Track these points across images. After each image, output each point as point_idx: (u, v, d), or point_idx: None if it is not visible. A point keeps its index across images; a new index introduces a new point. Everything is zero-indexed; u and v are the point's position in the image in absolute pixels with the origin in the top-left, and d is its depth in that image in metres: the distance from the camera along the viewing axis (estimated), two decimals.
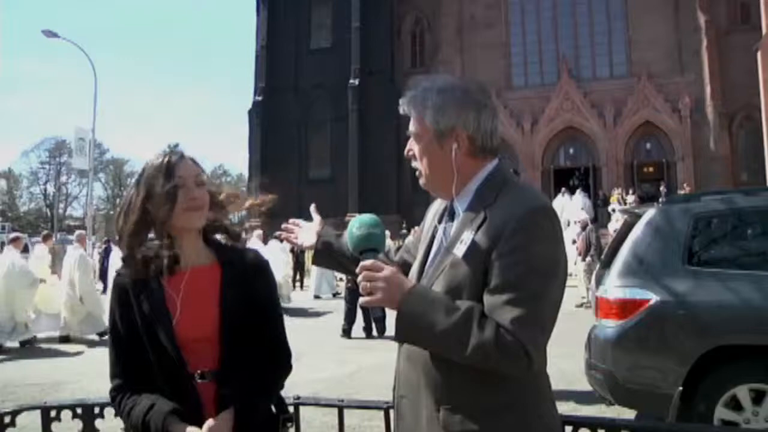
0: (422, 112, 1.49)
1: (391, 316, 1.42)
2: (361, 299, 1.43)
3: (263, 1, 35.21)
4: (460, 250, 1.42)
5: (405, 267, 1.67)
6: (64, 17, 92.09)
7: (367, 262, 1.42)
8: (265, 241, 14.26)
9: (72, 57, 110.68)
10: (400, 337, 1.42)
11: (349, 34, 32.45)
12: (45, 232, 11.81)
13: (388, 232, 2.19)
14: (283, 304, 13.60)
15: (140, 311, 1.58)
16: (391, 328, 1.45)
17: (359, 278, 1.41)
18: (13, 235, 10.61)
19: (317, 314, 12.60)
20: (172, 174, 1.59)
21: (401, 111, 1.54)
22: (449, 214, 1.54)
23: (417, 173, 1.55)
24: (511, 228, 1.36)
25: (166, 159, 1.62)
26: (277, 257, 13.50)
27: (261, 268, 1.71)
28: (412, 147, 1.54)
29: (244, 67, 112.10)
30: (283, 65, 33.99)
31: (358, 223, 1.50)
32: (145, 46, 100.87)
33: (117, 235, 1.65)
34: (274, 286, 1.77)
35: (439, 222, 1.56)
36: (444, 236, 1.52)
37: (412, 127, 1.52)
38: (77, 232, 11.27)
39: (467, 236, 1.42)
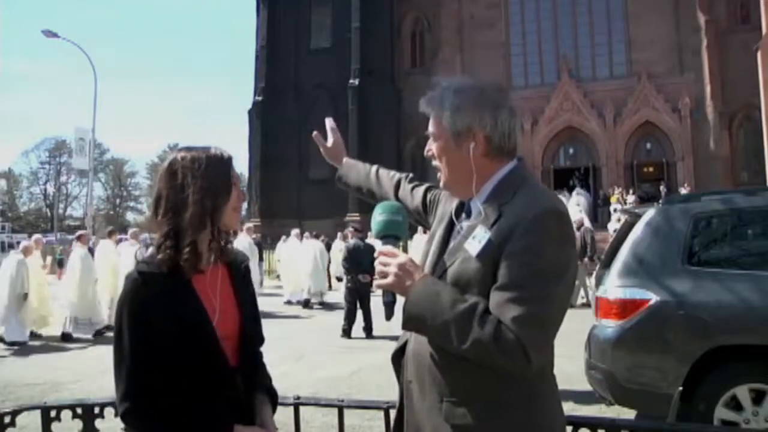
0: (440, 112, 1.51)
1: (401, 304, 1.48)
2: (375, 281, 1.50)
3: (263, 1, 35.23)
4: (472, 246, 1.43)
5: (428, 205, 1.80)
6: (63, 17, 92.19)
7: (385, 248, 1.49)
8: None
9: (72, 57, 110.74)
10: (406, 323, 1.44)
11: (349, 34, 32.47)
12: (110, 228, 12.02)
13: None
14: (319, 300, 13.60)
15: (181, 310, 1.49)
16: (397, 319, 1.50)
17: (376, 262, 1.48)
18: (79, 232, 11.03)
19: (317, 314, 12.60)
20: (230, 172, 1.59)
21: (420, 109, 1.57)
22: (466, 212, 1.56)
23: (438, 174, 1.57)
24: (522, 228, 1.37)
25: (226, 156, 1.60)
26: (313, 255, 13.70)
27: (248, 266, 1.77)
28: (431, 147, 1.56)
29: (244, 67, 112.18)
30: (283, 65, 34.00)
31: (380, 209, 1.56)
32: (145, 46, 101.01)
33: (162, 224, 1.52)
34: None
35: (457, 218, 1.58)
36: (460, 234, 1.53)
37: (430, 127, 1.54)
38: (131, 230, 11.56)
39: (480, 233, 1.43)
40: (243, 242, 12.73)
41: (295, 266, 14.05)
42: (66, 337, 9.61)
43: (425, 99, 1.55)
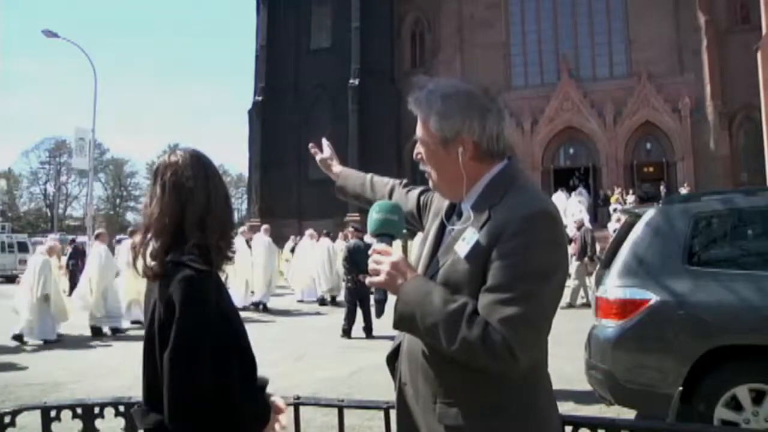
0: (427, 117, 1.50)
1: (392, 302, 1.49)
2: (367, 279, 1.50)
3: (263, 1, 35.20)
4: (461, 248, 1.43)
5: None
6: (63, 17, 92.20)
7: (379, 246, 1.50)
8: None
9: (72, 57, 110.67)
10: (397, 322, 1.45)
11: (349, 34, 32.42)
12: (131, 228, 12.26)
13: None
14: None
15: (229, 306, 1.55)
16: (388, 317, 1.50)
17: (369, 260, 1.48)
18: (97, 231, 11.41)
19: (318, 314, 12.59)
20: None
21: (408, 107, 1.57)
22: (457, 214, 1.56)
23: (426, 176, 1.57)
24: (511, 229, 1.37)
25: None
26: (327, 254, 13.88)
27: None
28: (420, 151, 1.56)
29: (244, 67, 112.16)
30: (283, 65, 33.97)
31: (377, 208, 1.59)
32: (145, 46, 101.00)
33: (204, 225, 1.51)
34: None
35: (448, 219, 1.58)
36: (451, 235, 1.53)
37: (418, 132, 1.54)
38: None
39: (469, 234, 1.43)
40: (263, 241, 12.88)
41: (307, 265, 14.27)
42: (96, 332, 9.90)
43: (412, 99, 1.54)
